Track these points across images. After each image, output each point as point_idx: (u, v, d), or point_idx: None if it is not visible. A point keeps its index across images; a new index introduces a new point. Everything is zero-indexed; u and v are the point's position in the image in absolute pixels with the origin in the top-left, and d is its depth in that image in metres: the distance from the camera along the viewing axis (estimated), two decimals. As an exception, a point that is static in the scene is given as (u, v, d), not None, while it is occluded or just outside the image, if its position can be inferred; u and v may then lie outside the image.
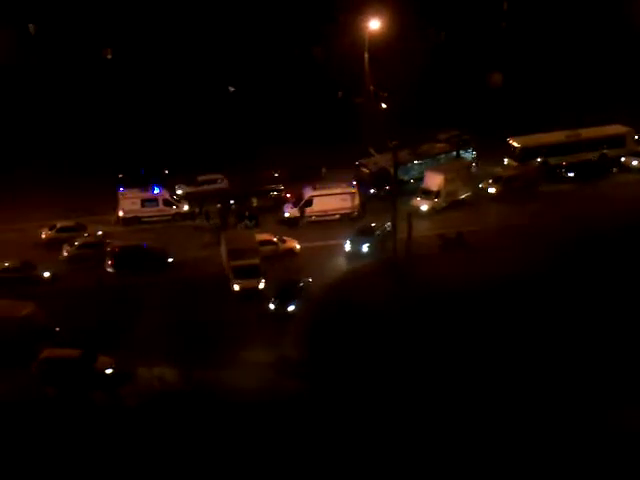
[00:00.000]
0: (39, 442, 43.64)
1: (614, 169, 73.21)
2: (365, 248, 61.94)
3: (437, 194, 67.53)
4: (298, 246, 62.79)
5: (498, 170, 72.55)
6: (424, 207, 66.95)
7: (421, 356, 49.79)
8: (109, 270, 59.83)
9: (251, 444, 43.15)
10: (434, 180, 68.00)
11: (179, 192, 70.48)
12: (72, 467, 42.13)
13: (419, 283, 57.50)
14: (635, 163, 73.91)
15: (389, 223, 61.55)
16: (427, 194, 67.61)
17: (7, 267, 59.08)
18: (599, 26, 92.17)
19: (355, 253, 61.83)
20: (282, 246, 62.28)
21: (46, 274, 59.26)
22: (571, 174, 72.61)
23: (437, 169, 69.46)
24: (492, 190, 69.96)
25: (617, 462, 41.49)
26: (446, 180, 67.73)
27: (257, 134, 78.10)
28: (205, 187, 70.77)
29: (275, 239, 62.51)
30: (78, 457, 42.61)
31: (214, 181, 71.43)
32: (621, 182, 71.95)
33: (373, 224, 63.69)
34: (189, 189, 70.81)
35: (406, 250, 59.89)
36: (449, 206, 67.87)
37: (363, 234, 62.71)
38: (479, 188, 70.18)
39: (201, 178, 71.46)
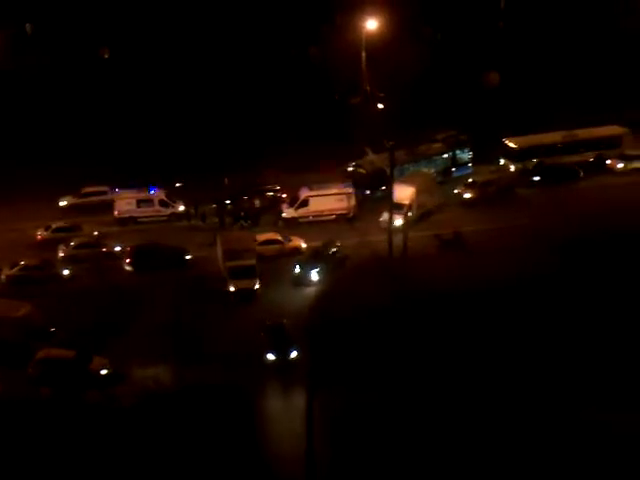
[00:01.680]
0: (34, 442, 43.66)
1: (581, 173, 72.29)
2: (314, 275, 58.78)
3: (409, 207, 64.46)
4: (304, 245, 62.64)
5: (493, 168, 72.41)
6: (397, 222, 62.50)
7: (417, 358, 49.82)
8: (127, 268, 59.83)
9: (245, 445, 43.24)
10: (405, 193, 65.02)
11: (62, 204, 68.44)
12: (66, 467, 42.14)
13: (415, 284, 57.52)
14: (620, 166, 73.29)
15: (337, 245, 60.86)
16: (399, 208, 63.42)
17: (27, 265, 59.07)
18: (596, 26, 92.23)
19: (303, 278, 58.72)
20: (288, 245, 62.19)
21: (65, 272, 59.32)
22: (536, 178, 71.88)
23: (405, 182, 66.28)
24: (467, 195, 69.04)
25: (611, 464, 41.64)
26: (417, 192, 65.38)
27: (253, 134, 78.20)
28: (90, 199, 68.47)
29: (280, 238, 62.48)
30: (72, 457, 42.62)
31: (100, 193, 68.81)
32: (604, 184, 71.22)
33: (338, 244, 61.28)
34: (73, 200, 68.63)
35: (403, 251, 59.94)
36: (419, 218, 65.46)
37: (314, 258, 59.63)
38: (450, 195, 69.02)
39: (85, 190, 68.96)
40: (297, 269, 59.23)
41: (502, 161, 74.15)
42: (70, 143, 76.83)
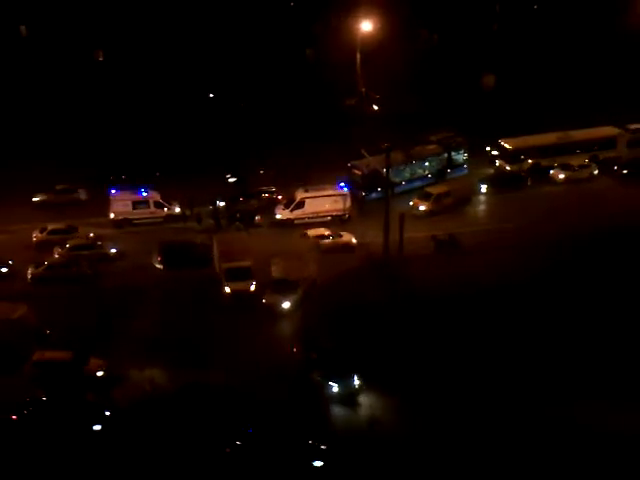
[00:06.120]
0: (31, 445, 43.60)
1: (529, 180, 72.02)
2: (356, 381, 46.91)
3: (298, 284, 56.67)
4: (354, 240, 62.58)
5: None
6: (286, 304, 55.45)
7: (412, 358, 49.88)
8: (157, 266, 59.59)
9: (242, 445, 43.22)
10: (292, 267, 57.71)
11: (35, 199, 68.42)
12: (63, 469, 42.11)
13: (410, 285, 57.60)
14: (562, 177, 72.69)
15: None
16: (288, 287, 56.05)
17: (52, 264, 59.01)
18: (590, 27, 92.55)
19: (348, 394, 46.66)
20: (339, 240, 62.26)
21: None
22: (483, 185, 71.41)
23: (289, 255, 59.13)
24: (422, 207, 67.53)
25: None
26: (305, 265, 58.03)
27: (248, 135, 78.30)
28: (61, 196, 68.68)
29: (328, 233, 62.69)
30: (69, 459, 42.58)
31: (71, 190, 68.97)
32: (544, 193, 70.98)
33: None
34: (45, 197, 68.58)
35: (398, 251, 59.97)
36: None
37: (339, 363, 47.90)
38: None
39: (57, 187, 69.00)
40: (335, 387, 46.90)
41: (497, 162, 74.31)
42: (62, 144, 76.79)
